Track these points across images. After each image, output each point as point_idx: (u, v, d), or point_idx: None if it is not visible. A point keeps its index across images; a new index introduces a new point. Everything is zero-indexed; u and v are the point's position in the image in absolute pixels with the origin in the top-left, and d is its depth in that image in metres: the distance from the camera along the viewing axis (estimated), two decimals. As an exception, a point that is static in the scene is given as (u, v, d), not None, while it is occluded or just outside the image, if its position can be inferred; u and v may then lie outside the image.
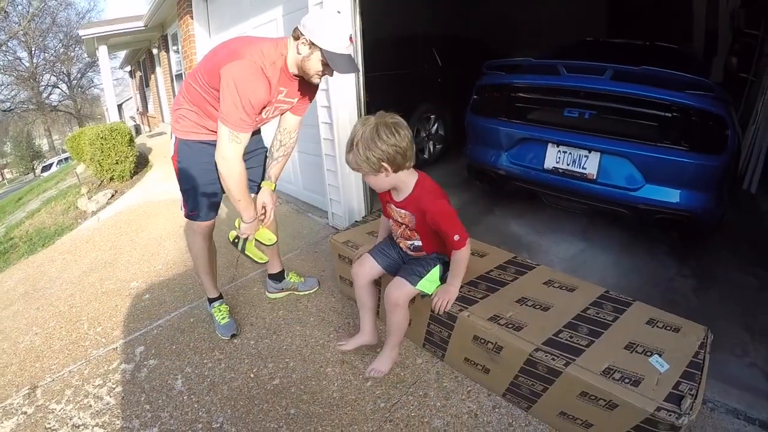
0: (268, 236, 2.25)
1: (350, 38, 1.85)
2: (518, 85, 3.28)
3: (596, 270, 2.87)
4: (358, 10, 3.02)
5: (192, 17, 5.63)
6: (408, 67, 4.92)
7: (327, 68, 1.88)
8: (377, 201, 2.88)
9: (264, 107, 1.98)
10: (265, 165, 2.38)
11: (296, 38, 1.87)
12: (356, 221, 2.94)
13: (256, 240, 2.23)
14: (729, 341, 2.16)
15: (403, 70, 4.76)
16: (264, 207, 2.28)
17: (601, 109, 2.92)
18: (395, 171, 1.71)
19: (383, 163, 1.67)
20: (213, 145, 1.98)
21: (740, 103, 5.22)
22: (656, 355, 1.58)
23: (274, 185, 2.32)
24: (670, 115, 2.67)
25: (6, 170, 37.50)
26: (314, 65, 1.87)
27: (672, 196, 2.68)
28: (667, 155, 2.63)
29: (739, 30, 5.81)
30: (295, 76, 1.99)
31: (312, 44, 1.81)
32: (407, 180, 1.82)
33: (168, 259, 3.56)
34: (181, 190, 2.23)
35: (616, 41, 4.68)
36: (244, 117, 1.83)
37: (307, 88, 2.11)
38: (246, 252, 2.21)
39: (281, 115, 2.23)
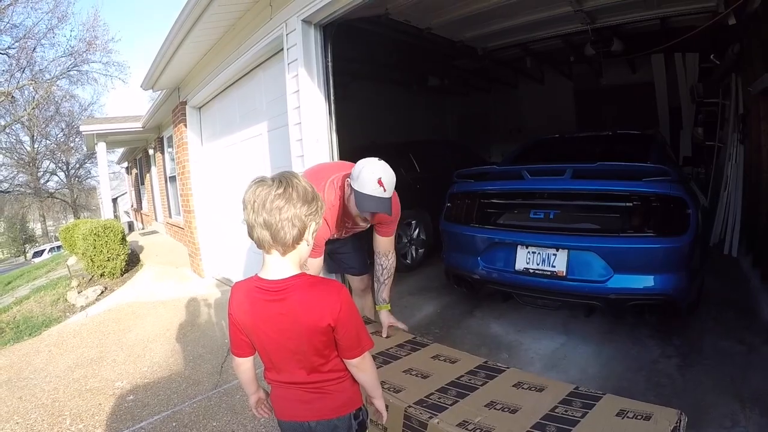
0: None
1: (378, 181, 2.09)
2: (486, 192, 3.47)
3: (577, 362, 2.88)
4: (334, 127, 3.29)
5: (186, 125, 5.92)
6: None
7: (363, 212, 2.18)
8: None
9: (330, 235, 2.35)
10: (362, 254, 2.84)
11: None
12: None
13: None
14: (718, 414, 2.16)
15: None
16: (391, 324, 2.58)
17: (564, 208, 3.11)
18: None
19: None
20: None
21: (711, 170, 5.51)
22: (626, 446, 1.57)
23: (389, 306, 2.61)
24: (630, 204, 2.83)
25: (-3, 249, 37.33)
26: (353, 207, 2.18)
27: (641, 282, 2.75)
28: (632, 243, 2.75)
29: (701, 101, 6.29)
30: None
31: (351, 187, 2.13)
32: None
33: (154, 361, 3.58)
34: None
35: (579, 135, 5.01)
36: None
37: (382, 215, 2.35)
38: None
39: (360, 232, 2.61)
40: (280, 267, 1.26)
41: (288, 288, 1.25)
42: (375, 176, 2.09)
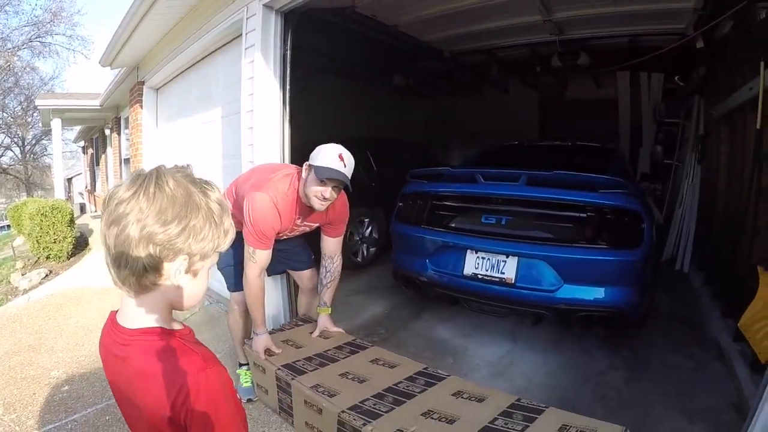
0: None
1: (339, 156, 2.14)
2: (439, 193, 3.43)
3: (523, 371, 2.86)
4: (288, 117, 3.21)
5: (141, 106, 5.76)
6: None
7: (321, 184, 2.13)
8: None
9: (280, 230, 2.31)
10: (307, 249, 2.74)
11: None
12: (272, 329, 2.80)
13: None
14: (664, 429, 2.18)
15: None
16: (326, 329, 2.60)
17: (517, 214, 3.07)
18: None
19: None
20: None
21: (668, 187, 5.66)
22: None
23: (329, 309, 2.62)
24: (585, 215, 2.82)
25: (-57, 226, 35.55)
26: (310, 185, 2.14)
27: (592, 293, 2.74)
28: (585, 255, 2.74)
29: (662, 121, 6.48)
30: (308, 205, 2.24)
31: (309, 166, 2.17)
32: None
33: (93, 350, 3.46)
34: (219, 269, 2.56)
35: (539, 144, 5.05)
36: (256, 240, 2.18)
37: (333, 214, 2.38)
38: None
39: (308, 231, 2.53)
40: (132, 310, 0.85)
41: (131, 346, 0.84)
42: (335, 151, 2.14)
